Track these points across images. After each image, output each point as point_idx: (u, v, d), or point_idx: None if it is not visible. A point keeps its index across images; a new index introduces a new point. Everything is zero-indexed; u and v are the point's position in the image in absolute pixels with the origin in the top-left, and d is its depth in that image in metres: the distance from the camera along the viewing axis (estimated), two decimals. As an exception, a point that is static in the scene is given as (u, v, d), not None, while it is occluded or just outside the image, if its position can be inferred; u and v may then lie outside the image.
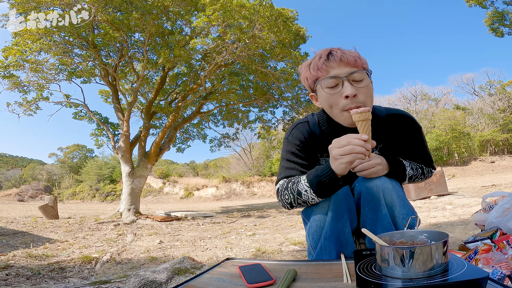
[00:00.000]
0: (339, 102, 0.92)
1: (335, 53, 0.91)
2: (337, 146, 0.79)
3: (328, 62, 0.92)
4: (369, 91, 0.93)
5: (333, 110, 0.95)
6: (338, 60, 0.91)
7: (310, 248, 0.95)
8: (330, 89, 0.92)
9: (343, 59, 0.90)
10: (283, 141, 1.09)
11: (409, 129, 1.06)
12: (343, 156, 0.78)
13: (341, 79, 0.90)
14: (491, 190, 6.62)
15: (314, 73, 0.95)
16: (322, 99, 0.97)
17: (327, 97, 0.94)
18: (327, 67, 0.92)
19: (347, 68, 0.91)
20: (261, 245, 2.78)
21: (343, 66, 0.91)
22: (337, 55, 0.91)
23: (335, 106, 0.94)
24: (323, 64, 0.92)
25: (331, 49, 0.94)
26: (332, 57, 0.91)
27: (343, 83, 0.90)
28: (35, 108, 7.78)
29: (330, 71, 0.92)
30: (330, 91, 0.92)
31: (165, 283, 1.48)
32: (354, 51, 0.94)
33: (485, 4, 9.41)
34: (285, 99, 9.30)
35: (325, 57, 0.92)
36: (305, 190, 0.89)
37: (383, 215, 0.90)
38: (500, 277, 0.88)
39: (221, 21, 5.97)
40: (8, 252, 2.46)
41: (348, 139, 0.78)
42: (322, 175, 0.85)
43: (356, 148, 0.76)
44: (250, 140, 31.67)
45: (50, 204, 6.35)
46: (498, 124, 25.02)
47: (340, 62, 0.91)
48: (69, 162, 37.93)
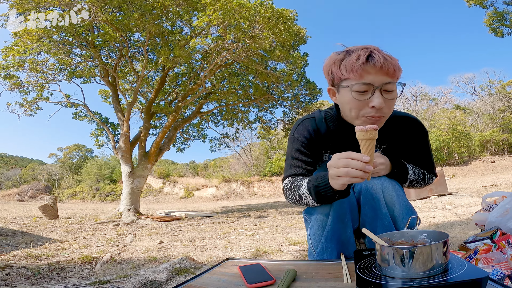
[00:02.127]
0: (362, 108, 0.86)
1: (376, 58, 0.82)
2: (335, 166, 0.75)
3: (365, 65, 0.82)
4: (394, 103, 0.89)
5: (351, 113, 0.89)
6: (379, 67, 0.81)
7: (311, 248, 0.95)
8: (359, 94, 0.85)
9: (384, 67, 0.81)
10: (288, 137, 1.08)
11: (415, 132, 1.04)
12: (339, 178, 0.75)
13: (374, 87, 0.83)
14: (491, 190, 6.62)
15: (345, 73, 0.85)
16: (343, 99, 0.90)
17: (351, 100, 0.87)
18: (362, 71, 0.83)
19: (384, 77, 0.83)
20: (261, 245, 2.78)
21: (380, 74, 0.83)
22: (379, 61, 0.81)
23: (355, 110, 0.88)
24: (360, 67, 0.82)
25: (371, 50, 0.83)
26: (372, 61, 0.82)
27: (374, 91, 0.83)
28: (35, 108, 7.80)
29: (365, 76, 0.83)
30: (357, 96, 0.85)
31: (165, 283, 1.48)
32: (395, 58, 0.85)
33: (485, 4, 9.40)
34: (284, 99, 9.31)
35: (364, 59, 0.82)
36: (305, 196, 0.89)
37: (383, 214, 0.90)
38: (500, 277, 0.88)
39: (221, 21, 5.97)
40: (8, 252, 2.46)
41: (346, 161, 0.73)
42: (320, 187, 0.83)
43: (352, 172, 0.71)
44: (250, 140, 31.69)
45: (50, 204, 6.35)
46: (498, 124, 25.02)
47: (380, 69, 0.82)
48: (69, 162, 37.92)
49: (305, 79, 8.82)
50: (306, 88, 8.90)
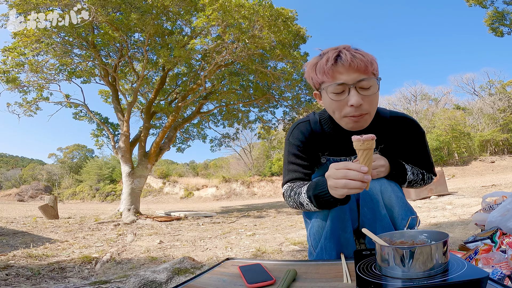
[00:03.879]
0: (342, 108, 0.88)
1: (344, 57, 0.83)
2: (333, 177, 0.75)
3: (335, 66, 0.84)
4: (375, 99, 0.89)
5: (335, 114, 0.91)
6: (347, 65, 0.82)
7: (311, 248, 0.96)
8: (335, 95, 0.86)
9: (353, 64, 0.82)
10: (284, 142, 1.08)
11: (412, 133, 1.04)
12: (337, 189, 0.75)
13: (348, 86, 0.84)
14: (491, 190, 6.62)
15: (319, 76, 0.87)
16: (325, 102, 0.92)
17: (331, 102, 0.89)
18: (333, 72, 0.84)
19: (356, 74, 0.83)
20: (261, 245, 2.78)
21: (351, 72, 0.83)
22: (347, 59, 0.82)
23: (337, 112, 0.90)
24: (330, 69, 0.84)
25: (339, 51, 0.84)
26: (341, 61, 0.83)
27: (350, 90, 0.84)
28: (35, 109, 7.79)
29: (337, 77, 0.84)
30: (335, 97, 0.87)
31: (165, 283, 1.48)
32: (366, 54, 0.86)
33: (485, 4, 9.40)
34: (285, 99, 9.31)
35: (332, 60, 0.83)
36: (307, 204, 0.89)
37: (382, 215, 0.90)
38: (500, 277, 0.88)
39: (220, 21, 5.97)
40: (8, 252, 2.46)
41: (344, 172, 0.72)
42: (320, 196, 0.83)
43: (350, 184, 0.71)
44: (250, 140, 31.69)
45: (50, 204, 6.35)
46: (498, 124, 25.02)
47: (349, 67, 0.83)
48: (69, 162, 37.92)
49: (305, 78, 8.81)
50: (307, 88, 8.89)
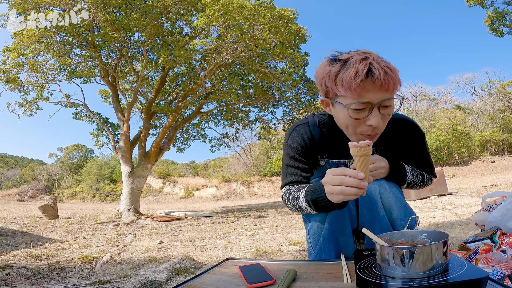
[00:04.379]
0: (359, 126, 0.82)
1: (376, 74, 0.73)
2: (330, 184, 0.74)
3: (364, 82, 0.74)
4: (390, 117, 0.84)
5: (348, 130, 0.86)
6: (379, 84, 0.74)
7: (311, 248, 0.96)
8: (356, 112, 0.79)
9: (384, 83, 0.74)
10: (283, 144, 1.07)
11: (412, 135, 1.04)
12: (333, 195, 0.74)
13: (372, 105, 0.77)
14: (491, 190, 6.62)
15: (341, 89, 0.77)
16: (339, 115, 0.85)
17: (347, 118, 0.81)
18: (362, 89, 0.75)
19: (383, 94, 0.76)
20: (261, 245, 2.78)
21: (379, 91, 0.75)
22: (380, 77, 0.73)
23: (351, 128, 0.84)
24: (359, 86, 0.74)
25: (370, 63, 0.74)
26: (372, 77, 0.73)
27: (372, 110, 0.78)
28: (35, 108, 7.80)
29: (363, 95, 0.76)
30: (354, 115, 0.79)
31: (165, 283, 1.48)
32: (393, 68, 0.77)
33: (485, 4, 9.40)
34: (285, 99, 9.31)
35: (362, 75, 0.73)
36: (305, 207, 0.89)
37: (381, 216, 0.90)
38: (500, 277, 0.88)
39: (221, 22, 5.97)
40: (8, 252, 2.46)
41: (340, 179, 0.71)
42: (318, 201, 0.83)
43: (346, 191, 0.70)
44: (250, 140, 31.70)
45: (50, 204, 6.35)
46: (498, 124, 25.02)
47: (380, 87, 0.74)
48: (69, 162, 37.93)
49: (305, 78, 8.81)
50: (307, 88, 8.90)
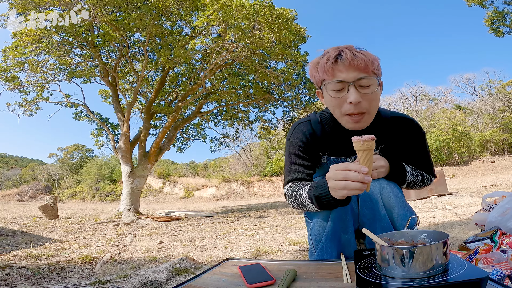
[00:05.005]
0: (342, 106, 0.89)
1: (344, 56, 0.85)
2: (334, 179, 0.76)
3: (335, 65, 0.86)
4: (375, 97, 0.90)
5: (335, 112, 0.93)
6: (347, 63, 0.85)
7: (312, 248, 0.96)
8: (335, 92, 0.88)
9: (353, 63, 0.84)
10: (285, 142, 1.09)
11: (413, 134, 1.04)
12: (337, 190, 0.75)
13: (347, 84, 0.86)
14: (491, 190, 6.62)
15: (321, 74, 0.90)
16: (326, 100, 0.94)
17: (331, 99, 0.91)
18: (333, 70, 0.87)
19: (355, 72, 0.85)
20: (261, 245, 2.78)
21: (351, 70, 0.85)
22: (347, 58, 0.85)
23: (337, 109, 0.91)
24: (330, 67, 0.87)
25: (340, 50, 0.87)
26: (341, 59, 0.86)
27: (349, 88, 0.86)
28: (35, 108, 7.79)
29: (337, 75, 0.87)
30: (334, 95, 0.89)
31: (165, 283, 1.48)
32: (368, 53, 0.88)
33: (485, 4, 9.40)
34: (285, 99, 9.31)
35: (333, 59, 0.86)
36: (308, 204, 0.89)
37: (382, 216, 0.91)
38: (500, 277, 0.88)
39: (221, 21, 5.97)
40: (8, 252, 2.46)
41: (344, 173, 0.73)
42: (321, 197, 0.83)
43: (350, 185, 0.72)
44: (250, 140, 31.71)
45: (50, 204, 6.34)
46: (498, 124, 25.02)
47: (349, 66, 0.85)
48: (69, 162, 37.92)
49: (305, 78, 8.81)
50: (307, 88, 8.90)
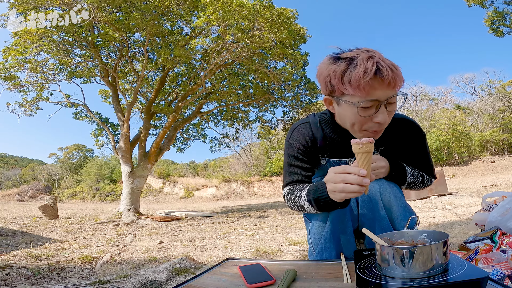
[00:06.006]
0: (365, 123, 0.83)
1: (385, 72, 0.75)
2: (332, 182, 0.74)
3: (373, 81, 0.76)
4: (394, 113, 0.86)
5: (354, 127, 0.86)
6: (387, 82, 0.76)
7: (311, 248, 0.96)
8: (364, 110, 0.80)
9: (392, 81, 0.76)
10: (284, 144, 1.07)
11: (413, 135, 1.03)
12: (336, 193, 0.74)
13: (380, 103, 0.79)
14: (491, 190, 6.62)
15: (349, 88, 0.78)
16: (345, 113, 0.85)
17: (354, 115, 0.82)
18: (370, 87, 0.76)
19: (390, 91, 0.78)
20: (261, 245, 2.78)
21: (387, 89, 0.78)
22: (388, 75, 0.75)
23: (358, 125, 0.84)
24: (368, 84, 0.75)
25: (377, 62, 0.76)
26: (381, 76, 0.75)
27: (380, 107, 0.79)
28: (35, 108, 7.79)
29: (371, 93, 0.77)
30: (362, 113, 0.80)
31: (165, 283, 1.48)
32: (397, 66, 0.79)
33: (485, 4, 9.40)
34: (285, 99, 9.31)
35: (371, 74, 0.75)
36: (307, 207, 0.89)
37: (381, 216, 0.90)
38: (500, 277, 0.88)
39: (221, 21, 5.97)
40: (8, 252, 2.46)
41: (342, 176, 0.72)
42: (320, 200, 0.83)
43: (349, 188, 0.70)
44: (250, 140, 31.69)
45: (50, 204, 6.34)
46: (498, 124, 25.02)
47: (388, 84, 0.77)
48: (69, 162, 37.94)
49: (305, 79, 8.82)
50: (307, 88, 8.90)
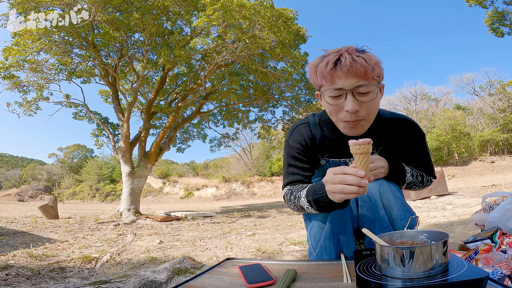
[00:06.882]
0: (339, 112, 0.87)
1: (343, 61, 0.80)
2: (331, 182, 0.75)
3: (334, 71, 0.82)
4: (374, 105, 0.87)
5: (333, 117, 0.92)
6: (346, 70, 0.80)
7: (311, 248, 0.96)
8: (332, 99, 0.86)
9: (351, 70, 0.80)
10: (284, 144, 1.08)
11: (412, 135, 1.03)
12: (334, 194, 0.75)
13: (345, 91, 0.83)
14: (491, 190, 6.61)
15: (319, 79, 0.86)
16: (324, 104, 0.92)
17: (328, 105, 0.89)
18: (332, 76, 0.83)
19: (354, 80, 0.81)
20: (261, 245, 2.78)
21: (350, 77, 0.81)
22: (346, 64, 0.80)
23: (334, 115, 0.90)
24: (329, 73, 0.82)
25: (340, 54, 0.82)
26: (340, 65, 0.81)
27: (347, 95, 0.83)
28: (35, 108, 7.79)
29: (335, 81, 0.83)
30: (332, 101, 0.86)
31: (165, 283, 1.48)
32: (369, 58, 0.82)
33: (485, 4, 9.41)
34: (285, 99, 9.31)
35: (331, 64, 0.81)
36: (307, 207, 0.89)
37: (381, 216, 0.90)
38: (500, 277, 0.88)
39: (221, 21, 5.97)
40: (8, 252, 2.46)
41: (341, 177, 0.72)
42: (320, 201, 0.83)
43: (347, 189, 0.71)
44: (250, 140, 31.69)
45: (50, 204, 6.34)
46: (498, 124, 25.02)
47: (348, 72, 0.81)
48: (69, 162, 37.93)
49: (305, 78, 8.81)
50: (307, 88, 8.90)
